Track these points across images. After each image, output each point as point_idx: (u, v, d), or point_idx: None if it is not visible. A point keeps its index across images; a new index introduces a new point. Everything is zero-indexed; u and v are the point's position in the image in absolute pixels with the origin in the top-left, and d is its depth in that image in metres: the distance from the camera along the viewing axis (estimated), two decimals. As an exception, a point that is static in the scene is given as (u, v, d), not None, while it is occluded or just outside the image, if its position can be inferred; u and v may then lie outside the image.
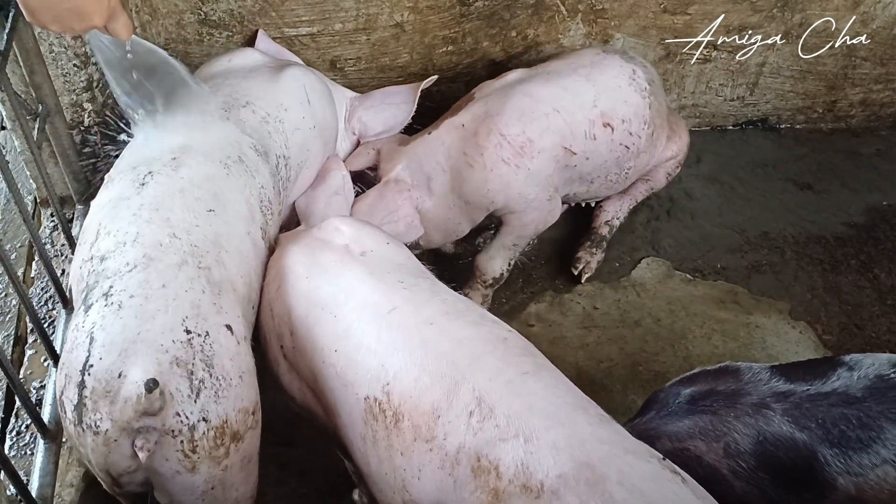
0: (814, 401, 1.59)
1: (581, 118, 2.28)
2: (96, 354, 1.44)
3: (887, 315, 2.53)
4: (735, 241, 2.76)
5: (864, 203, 2.90)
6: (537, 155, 2.23)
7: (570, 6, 2.72)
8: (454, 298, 1.69)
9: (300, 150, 2.17)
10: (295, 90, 2.21)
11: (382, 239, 1.85)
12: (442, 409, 1.45)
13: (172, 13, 2.53)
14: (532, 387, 1.45)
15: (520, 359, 1.52)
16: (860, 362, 1.63)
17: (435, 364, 1.50)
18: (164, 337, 1.47)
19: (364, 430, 1.57)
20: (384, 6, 2.61)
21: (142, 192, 1.73)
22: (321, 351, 1.66)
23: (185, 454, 1.47)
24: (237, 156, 1.91)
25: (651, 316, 2.52)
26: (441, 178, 2.28)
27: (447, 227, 2.36)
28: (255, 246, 1.84)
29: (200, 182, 1.79)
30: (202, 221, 1.72)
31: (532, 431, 1.37)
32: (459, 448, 1.42)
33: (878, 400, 1.56)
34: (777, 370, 1.68)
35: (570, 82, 2.31)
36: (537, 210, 2.30)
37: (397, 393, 1.51)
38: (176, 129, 1.89)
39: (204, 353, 1.50)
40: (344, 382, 1.61)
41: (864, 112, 3.15)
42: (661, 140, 2.53)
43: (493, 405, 1.41)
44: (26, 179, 2.60)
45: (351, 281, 1.70)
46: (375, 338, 1.59)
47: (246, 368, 1.59)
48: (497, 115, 2.22)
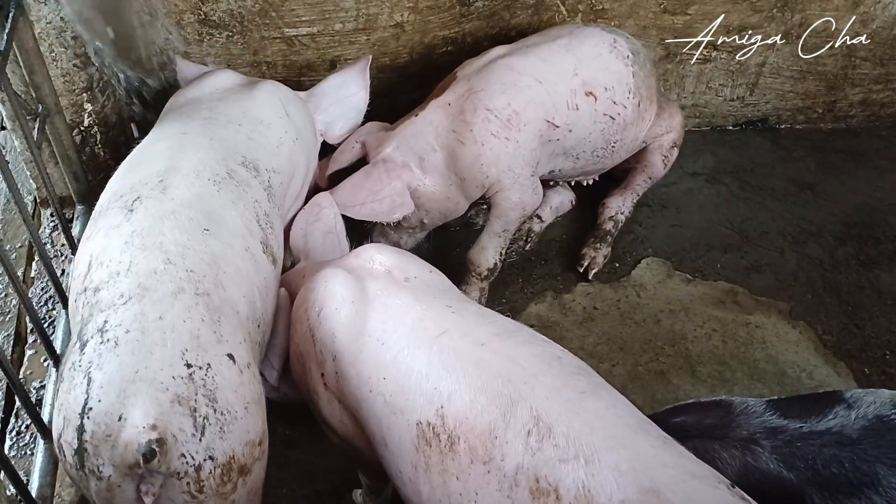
0: (806, 440, 1.53)
1: (563, 88, 2.29)
2: (95, 396, 1.37)
3: (887, 315, 2.53)
4: (735, 241, 2.76)
5: (865, 203, 2.90)
6: (524, 127, 2.24)
7: (570, 6, 2.72)
8: (504, 320, 1.67)
9: (288, 162, 2.15)
10: (273, 105, 2.20)
11: (424, 266, 1.83)
12: (499, 430, 1.41)
13: (172, 13, 2.53)
14: (591, 406, 1.41)
15: (576, 377, 1.48)
16: (861, 400, 1.57)
17: (490, 384, 1.46)
18: (163, 374, 1.41)
19: (416, 457, 1.52)
20: (384, 6, 2.61)
21: (132, 219, 1.67)
22: (368, 380, 1.61)
23: (191, 495, 1.41)
24: (225, 173, 1.87)
25: (651, 316, 2.52)
26: (433, 158, 2.29)
27: (447, 206, 2.37)
28: (256, 261, 1.79)
29: (192, 202, 1.73)
30: (197, 243, 1.66)
31: (593, 452, 1.33)
32: (518, 469, 1.38)
33: (874, 443, 1.49)
34: (773, 404, 1.62)
35: (550, 53, 2.33)
36: (522, 188, 2.31)
37: (452, 415, 1.47)
38: (160, 152, 1.86)
39: (206, 388, 1.44)
40: (393, 410, 1.56)
41: (864, 112, 3.15)
42: (648, 113, 2.52)
43: (552, 424, 1.37)
44: (26, 179, 2.60)
45: (398, 307, 1.65)
46: (426, 362, 1.54)
47: (251, 398, 1.52)
48: (482, 90, 2.24)
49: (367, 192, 2.28)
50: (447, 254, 2.64)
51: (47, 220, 2.69)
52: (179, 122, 2.01)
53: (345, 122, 2.50)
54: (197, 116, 2.04)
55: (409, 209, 2.32)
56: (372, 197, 2.28)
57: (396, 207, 2.30)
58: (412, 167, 2.31)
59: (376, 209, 2.28)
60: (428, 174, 2.31)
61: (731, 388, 2.32)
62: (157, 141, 1.92)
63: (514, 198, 2.32)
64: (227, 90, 2.22)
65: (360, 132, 2.49)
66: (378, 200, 2.28)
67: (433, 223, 2.45)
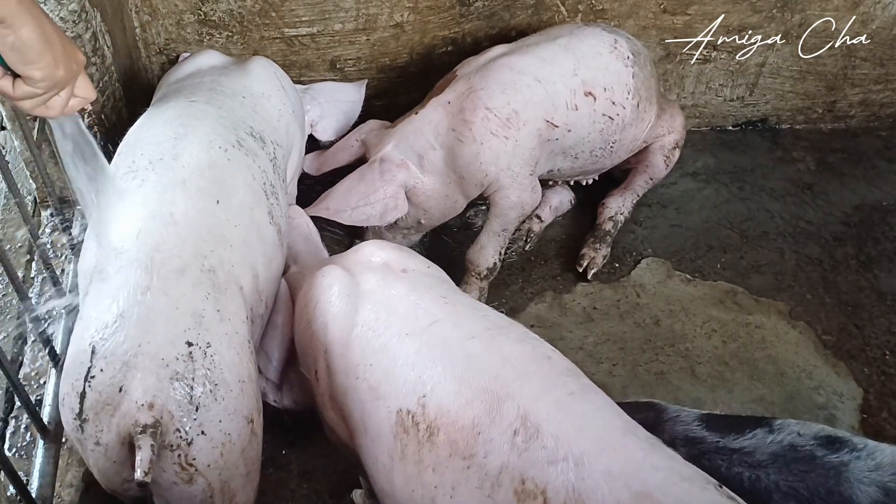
0: (718, 454, 1.52)
1: (562, 88, 2.29)
2: (98, 365, 1.43)
3: (887, 315, 2.53)
4: (735, 241, 2.76)
5: (864, 203, 2.90)
6: (523, 126, 2.24)
7: (570, 6, 2.72)
8: (497, 315, 1.65)
9: (286, 136, 2.18)
10: (270, 79, 2.23)
11: (422, 260, 1.83)
12: (483, 426, 1.39)
13: (172, 13, 2.53)
14: (580, 408, 1.39)
15: (565, 378, 1.47)
16: (785, 427, 1.55)
17: (477, 379, 1.44)
18: (164, 350, 1.45)
19: (393, 445, 1.50)
20: (384, 6, 2.61)
21: (143, 186, 1.69)
22: (356, 368, 1.60)
23: (182, 467, 1.46)
24: (236, 140, 1.89)
25: (651, 316, 2.52)
26: (433, 156, 2.29)
27: (445, 205, 2.38)
28: (262, 232, 1.81)
29: (203, 170, 1.75)
30: (207, 215, 1.68)
31: (583, 455, 1.30)
32: (502, 468, 1.35)
33: (778, 468, 1.48)
34: (703, 417, 1.62)
35: (550, 52, 2.33)
36: (521, 187, 2.31)
37: (434, 406, 1.45)
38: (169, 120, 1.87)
39: (204, 367, 1.48)
40: (376, 396, 1.54)
41: (863, 112, 3.15)
42: (648, 114, 2.52)
43: (540, 425, 1.35)
44: (26, 179, 2.60)
45: (392, 297, 1.65)
46: (415, 350, 1.53)
47: (246, 376, 1.56)
48: (481, 89, 2.24)
49: (359, 196, 2.28)
50: (447, 254, 2.64)
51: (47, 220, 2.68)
52: (184, 93, 2.02)
53: (335, 122, 2.54)
54: (202, 87, 2.06)
55: (401, 212, 2.32)
56: (364, 200, 2.28)
57: (389, 211, 2.30)
58: (410, 166, 2.31)
59: (368, 213, 2.28)
60: (427, 172, 2.31)
61: (732, 388, 2.32)
62: (165, 110, 1.92)
63: (512, 197, 2.32)
64: (223, 66, 2.25)
65: (359, 130, 2.49)
66: (370, 204, 2.28)
67: (431, 223, 2.44)
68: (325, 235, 2.34)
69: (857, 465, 1.45)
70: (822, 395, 2.32)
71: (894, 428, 2.24)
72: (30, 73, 1.25)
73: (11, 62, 1.24)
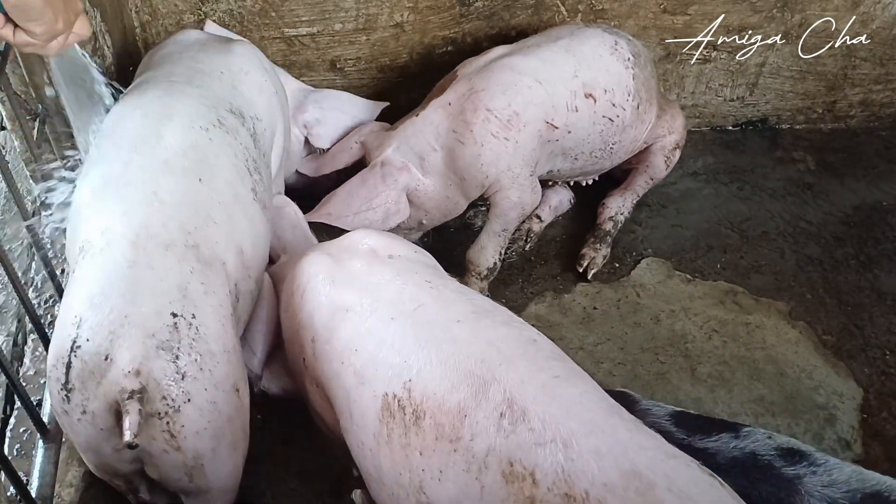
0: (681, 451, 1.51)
1: (562, 89, 2.29)
2: (84, 335, 1.47)
3: (887, 315, 2.53)
4: (735, 241, 2.76)
5: (864, 203, 2.90)
6: (523, 128, 2.24)
7: (570, 6, 2.72)
8: (482, 299, 1.65)
9: (268, 112, 2.16)
10: (251, 56, 2.22)
11: (409, 246, 1.83)
12: (469, 409, 1.39)
13: (172, 13, 2.53)
14: (566, 391, 1.40)
15: (551, 362, 1.47)
16: (750, 435, 1.56)
17: (463, 362, 1.45)
18: (150, 321, 1.49)
19: (379, 428, 1.51)
20: (384, 6, 2.61)
21: (128, 167, 1.71)
22: (341, 353, 1.61)
23: (170, 434, 1.50)
24: (216, 119, 1.90)
25: (651, 316, 2.52)
26: (434, 158, 2.29)
27: (446, 206, 2.38)
28: (246, 209, 1.84)
29: (186, 151, 1.78)
30: (190, 194, 1.72)
31: (571, 436, 1.30)
32: (489, 451, 1.36)
33: (738, 474, 1.48)
34: (674, 414, 1.62)
35: (550, 54, 2.33)
36: (521, 187, 2.31)
37: (419, 389, 1.46)
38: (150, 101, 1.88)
39: (189, 337, 1.52)
40: (361, 380, 1.55)
41: (863, 112, 3.15)
42: (648, 115, 2.53)
43: (527, 408, 1.35)
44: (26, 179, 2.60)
45: (378, 282, 1.65)
46: (400, 334, 1.54)
47: (231, 347, 1.61)
48: (482, 90, 2.24)
49: (361, 201, 2.28)
50: (447, 254, 2.64)
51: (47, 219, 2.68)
52: (164, 71, 2.03)
53: (333, 131, 2.52)
54: (181, 66, 2.06)
55: (403, 216, 2.32)
56: (367, 206, 2.28)
57: (391, 216, 2.31)
58: (411, 168, 2.31)
59: (370, 218, 2.28)
60: (428, 174, 2.31)
61: (731, 388, 2.32)
62: (145, 92, 1.93)
63: (513, 197, 2.32)
64: (206, 43, 2.24)
65: (359, 132, 2.49)
66: (372, 209, 2.28)
67: (432, 223, 2.45)
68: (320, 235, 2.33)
69: (812, 480, 1.47)
70: (822, 395, 2.31)
71: (894, 428, 2.24)
72: (31, 28, 1.37)
73: (14, 17, 1.34)
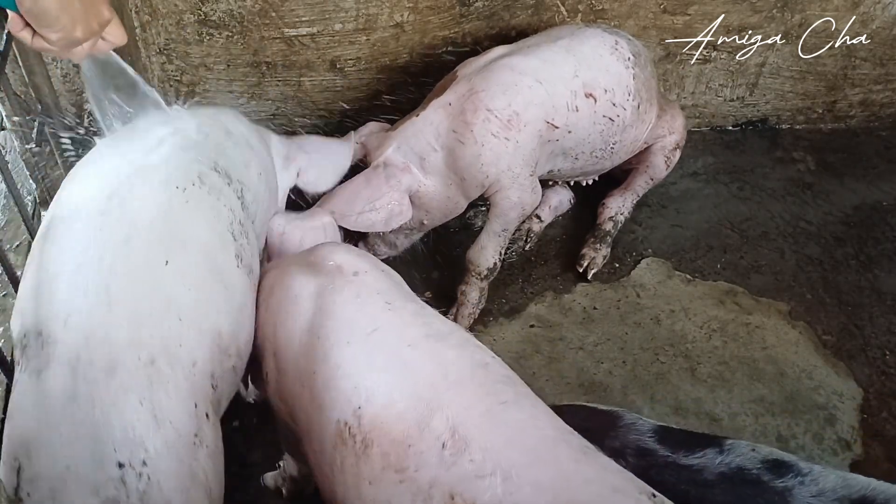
0: (667, 469, 1.51)
1: (563, 89, 2.29)
2: (25, 488, 1.28)
3: (887, 315, 2.53)
4: (735, 241, 2.76)
5: (864, 203, 2.90)
6: (524, 128, 2.24)
7: (570, 6, 2.72)
8: (440, 322, 1.59)
9: (257, 182, 1.92)
10: (229, 114, 2.00)
11: (376, 263, 1.76)
12: (413, 438, 1.34)
13: (172, 13, 2.53)
14: (511, 417, 1.34)
15: (500, 386, 1.42)
16: (735, 449, 1.54)
17: (410, 388, 1.40)
18: (93, 474, 1.27)
19: (333, 455, 1.45)
20: (384, 6, 2.61)
21: (80, 247, 1.46)
22: (300, 374, 1.56)
23: None
24: (196, 177, 1.65)
25: (651, 316, 2.52)
26: (434, 158, 2.29)
27: (447, 206, 2.37)
28: (226, 281, 1.61)
29: (153, 221, 1.51)
30: (150, 287, 1.45)
31: (511, 468, 1.25)
32: (432, 483, 1.30)
33: (726, 490, 1.47)
34: (658, 429, 1.60)
35: (551, 54, 2.32)
36: (521, 187, 2.31)
37: (369, 417, 1.40)
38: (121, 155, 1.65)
39: (139, 489, 1.29)
40: (317, 406, 1.49)
41: (863, 112, 3.15)
42: (648, 115, 2.52)
43: (469, 437, 1.30)
44: (26, 179, 2.60)
45: (337, 302, 1.59)
46: (353, 359, 1.48)
47: (190, 481, 1.38)
48: (482, 91, 2.24)
49: (365, 201, 2.27)
50: (447, 254, 2.64)
51: (47, 220, 2.68)
52: (143, 124, 1.77)
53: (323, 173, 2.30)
54: (161, 121, 1.78)
55: (406, 217, 2.32)
56: (370, 206, 2.27)
57: (394, 217, 2.30)
58: (413, 169, 2.31)
59: (373, 219, 2.27)
60: (429, 175, 2.31)
61: (731, 388, 2.32)
62: (116, 144, 1.69)
63: (513, 197, 2.32)
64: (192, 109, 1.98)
65: (359, 132, 2.49)
66: (375, 210, 2.27)
67: (433, 223, 2.45)
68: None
69: (801, 491, 1.46)
70: (822, 395, 2.31)
71: (894, 428, 2.24)
72: (46, 35, 1.35)
73: (30, 22, 1.33)
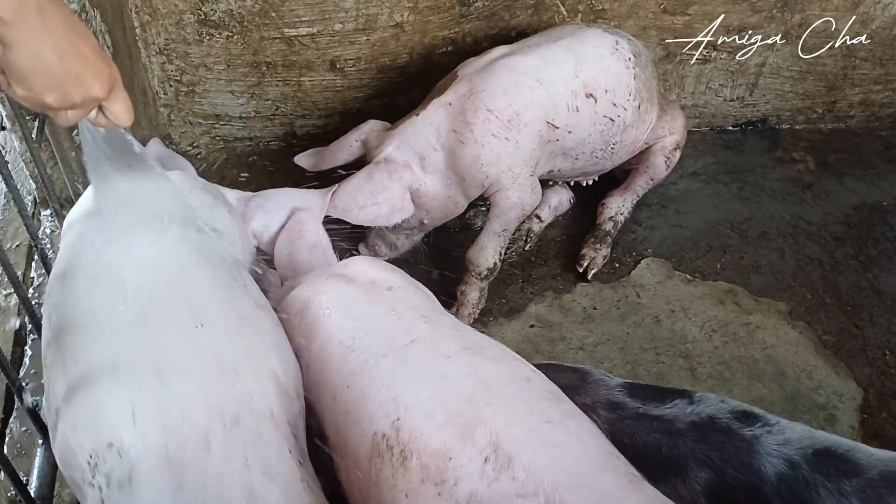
0: (638, 420, 1.53)
1: (563, 89, 2.29)
2: None
3: (887, 315, 2.53)
4: (735, 241, 2.76)
5: (864, 203, 2.90)
6: (524, 128, 2.24)
7: (570, 6, 2.72)
8: (477, 335, 1.59)
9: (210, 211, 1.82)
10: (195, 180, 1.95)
11: (407, 279, 1.78)
12: (454, 451, 1.31)
13: (172, 13, 2.53)
14: (557, 437, 1.32)
15: (545, 404, 1.40)
16: (705, 400, 1.56)
17: (450, 401, 1.38)
18: None
19: (368, 468, 1.44)
20: (384, 6, 2.61)
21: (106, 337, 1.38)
22: (333, 387, 1.55)
23: None
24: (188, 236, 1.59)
25: (651, 316, 2.52)
26: (434, 158, 2.29)
27: (447, 206, 2.37)
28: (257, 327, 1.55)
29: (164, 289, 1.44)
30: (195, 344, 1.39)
31: (555, 490, 1.22)
32: (471, 497, 1.28)
33: (696, 438, 1.49)
34: (626, 385, 1.62)
35: (551, 54, 2.32)
36: (521, 187, 2.31)
37: (407, 429, 1.38)
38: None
39: None
40: (352, 419, 1.48)
41: (863, 112, 3.15)
42: (649, 115, 2.53)
43: (512, 455, 1.28)
44: (26, 179, 2.60)
45: (373, 315, 1.59)
46: (390, 371, 1.47)
47: None
48: (482, 90, 2.24)
49: (368, 195, 2.27)
50: (447, 254, 2.64)
51: (47, 220, 2.68)
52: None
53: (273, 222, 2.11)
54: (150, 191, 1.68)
55: (408, 213, 2.32)
56: (372, 200, 2.27)
57: (396, 211, 2.30)
58: (413, 167, 2.31)
59: (375, 213, 2.27)
60: (429, 174, 2.31)
61: (731, 388, 2.32)
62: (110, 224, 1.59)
63: (513, 197, 2.32)
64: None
65: (359, 130, 2.48)
66: (378, 204, 2.27)
67: (433, 223, 2.45)
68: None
69: (769, 439, 1.49)
70: (822, 395, 2.31)
71: (894, 428, 2.24)
72: (14, 89, 1.19)
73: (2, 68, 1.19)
